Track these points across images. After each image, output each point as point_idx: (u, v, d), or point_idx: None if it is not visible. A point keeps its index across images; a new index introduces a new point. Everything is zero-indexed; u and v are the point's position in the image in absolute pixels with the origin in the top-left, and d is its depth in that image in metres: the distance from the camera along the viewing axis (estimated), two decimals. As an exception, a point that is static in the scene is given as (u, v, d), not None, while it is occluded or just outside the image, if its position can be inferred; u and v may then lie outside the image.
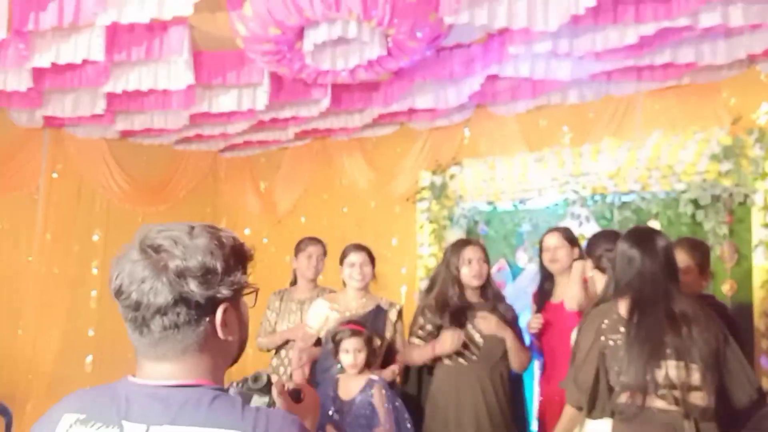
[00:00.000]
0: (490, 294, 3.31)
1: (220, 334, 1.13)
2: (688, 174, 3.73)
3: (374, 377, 3.14)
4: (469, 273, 3.24)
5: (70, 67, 4.11)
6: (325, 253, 4.03)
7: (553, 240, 3.36)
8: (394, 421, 3.02)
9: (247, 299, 1.23)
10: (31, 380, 5.31)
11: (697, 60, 3.68)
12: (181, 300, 1.08)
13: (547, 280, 3.44)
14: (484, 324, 3.20)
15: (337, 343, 3.14)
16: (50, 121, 5.28)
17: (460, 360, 3.22)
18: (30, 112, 5.06)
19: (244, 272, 1.17)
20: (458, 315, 3.23)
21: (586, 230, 4.25)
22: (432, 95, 4.62)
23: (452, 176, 4.87)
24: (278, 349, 3.96)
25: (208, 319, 1.11)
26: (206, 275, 1.09)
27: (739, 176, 3.59)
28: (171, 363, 1.11)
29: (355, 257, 3.45)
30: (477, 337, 3.21)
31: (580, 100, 4.45)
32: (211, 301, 1.10)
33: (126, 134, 5.75)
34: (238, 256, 1.15)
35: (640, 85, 4.17)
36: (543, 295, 3.46)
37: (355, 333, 3.14)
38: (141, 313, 1.08)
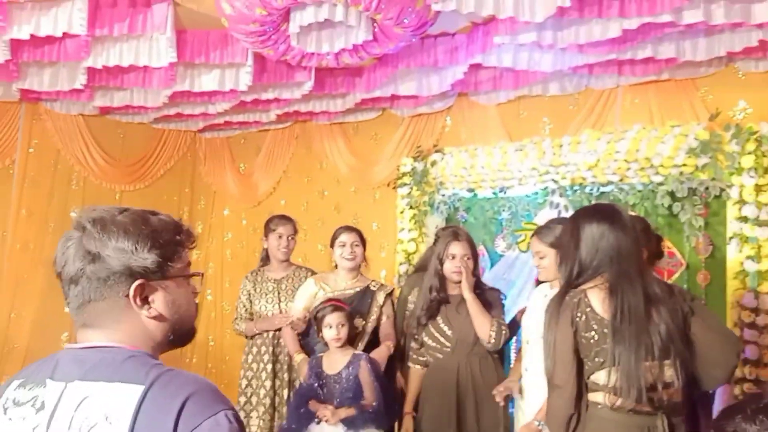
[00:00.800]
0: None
1: (135, 308, 1.17)
2: (666, 167, 3.79)
3: (359, 352, 3.23)
4: (451, 268, 3.27)
5: (50, 40, 4.04)
6: (296, 232, 4.00)
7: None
8: (380, 397, 3.07)
9: (197, 284, 1.29)
10: (6, 355, 5.26)
11: (677, 56, 3.74)
12: (91, 272, 1.15)
13: None
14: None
15: (320, 320, 3.21)
16: (27, 95, 5.18)
17: (437, 355, 3.27)
18: (6, 84, 4.96)
19: (173, 254, 1.20)
20: (431, 308, 3.28)
21: (563, 220, 4.32)
22: (415, 82, 4.63)
23: (433, 163, 4.89)
24: (252, 337, 3.94)
25: (121, 293, 1.16)
26: (118, 251, 1.14)
27: (715, 170, 3.67)
28: (93, 330, 1.18)
29: (345, 237, 3.50)
30: (447, 330, 3.27)
31: (561, 91, 4.49)
32: (123, 276, 1.15)
33: (104, 111, 5.67)
34: (165, 238, 1.19)
35: (620, 79, 4.22)
36: None
37: (337, 308, 3.22)
38: (63, 283, 1.18)
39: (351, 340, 3.30)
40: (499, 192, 4.63)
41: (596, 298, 2.23)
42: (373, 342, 3.45)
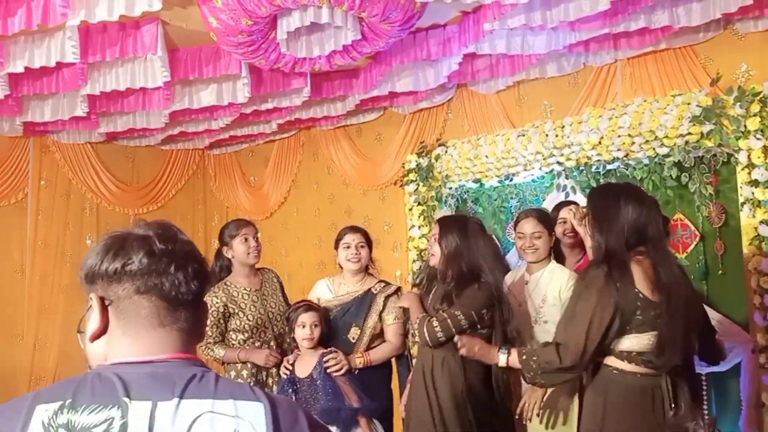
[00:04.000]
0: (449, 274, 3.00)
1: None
2: (671, 138, 3.72)
3: (325, 350, 3.17)
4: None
5: (46, 71, 4.11)
6: (257, 232, 3.62)
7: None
8: (356, 386, 3.04)
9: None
10: (34, 385, 5.34)
11: (672, 23, 3.66)
12: (199, 287, 1.17)
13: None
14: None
15: (292, 321, 3.17)
16: (33, 128, 5.27)
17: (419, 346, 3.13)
18: (10, 120, 5.05)
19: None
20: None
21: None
22: (411, 78, 4.61)
23: (437, 157, 4.86)
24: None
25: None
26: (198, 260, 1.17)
27: (721, 136, 3.58)
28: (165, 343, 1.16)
29: (349, 238, 3.34)
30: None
31: (559, 72, 4.43)
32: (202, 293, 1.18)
33: (111, 137, 5.75)
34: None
35: (617, 53, 4.15)
36: None
37: (310, 307, 3.19)
38: (173, 306, 1.14)
39: (323, 343, 3.19)
40: (505, 180, 4.59)
41: (639, 271, 2.28)
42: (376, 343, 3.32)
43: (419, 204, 4.95)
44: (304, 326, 3.13)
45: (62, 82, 4.25)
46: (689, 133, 3.69)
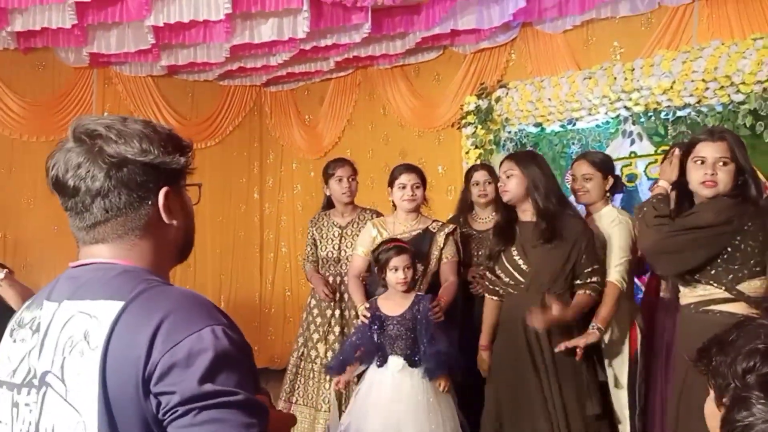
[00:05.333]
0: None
1: (164, 218, 1.10)
2: (748, 84, 3.53)
3: (422, 294, 3.15)
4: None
5: (112, 1, 4.13)
6: (355, 173, 3.87)
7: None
8: (438, 338, 3.01)
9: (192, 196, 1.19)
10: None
11: (759, -40, 3.44)
12: (121, 183, 1.05)
13: None
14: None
15: (384, 263, 3.09)
16: (97, 60, 5.35)
17: (509, 290, 3.04)
18: (77, 50, 5.14)
19: (188, 159, 1.13)
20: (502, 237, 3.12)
21: (637, 148, 4.12)
22: (475, 15, 4.48)
23: (498, 99, 4.75)
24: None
25: (150, 202, 1.08)
26: (144, 156, 1.05)
27: (802, 83, 3.39)
28: (106, 245, 1.08)
29: (405, 178, 3.32)
30: (522, 264, 2.98)
31: (632, 11, 4.23)
32: (152, 184, 1.07)
33: (172, 70, 5.80)
34: (175, 143, 1.11)
35: (696, -8, 3.94)
36: None
37: (402, 249, 3.10)
38: (80, 199, 1.06)
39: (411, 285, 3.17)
40: (567, 124, 4.46)
41: (764, 211, 2.43)
42: (434, 285, 3.32)
43: (476, 147, 4.87)
44: (397, 270, 3.05)
45: (126, 12, 4.28)
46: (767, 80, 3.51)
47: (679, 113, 3.91)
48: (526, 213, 3.02)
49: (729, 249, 2.40)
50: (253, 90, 6.62)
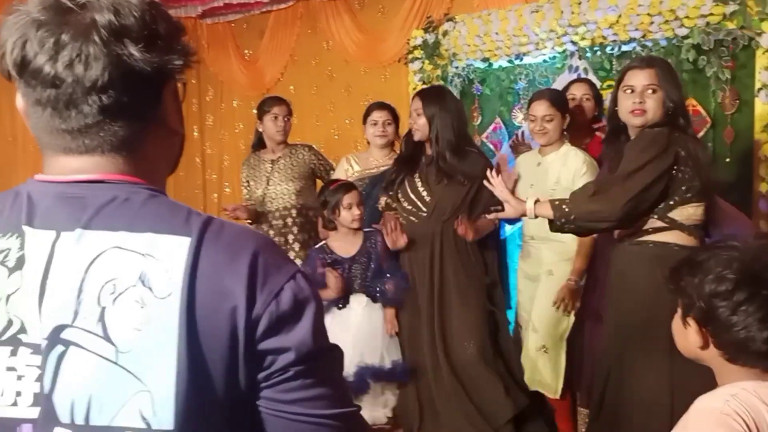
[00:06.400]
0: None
1: (173, 123, 0.88)
2: (692, 18, 3.57)
3: (370, 229, 3.18)
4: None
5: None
6: (290, 113, 3.86)
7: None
8: (394, 267, 3.10)
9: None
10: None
11: None
12: (125, 71, 0.78)
13: None
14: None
15: (336, 204, 3.08)
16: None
17: (411, 218, 3.20)
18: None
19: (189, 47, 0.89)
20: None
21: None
22: (421, -58, 4.33)
23: (445, 33, 4.66)
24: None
25: (157, 99, 0.85)
26: (150, 36, 0.80)
27: (744, 18, 3.44)
28: (99, 156, 0.82)
29: (377, 115, 3.53)
30: (424, 193, 3.18)
31: (580, -58, 4.17)
32: (160, 76, 0.83)
33: None
34: (176, 25, 0.87)
35: (644, -77, 3.90)
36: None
37: (349, 186, 3.12)
38: (65, 91, 0.78)
39: None
40: (515, 59, 4.44)
41: (692, 139, 2.47)
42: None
43: (424, 83, 4.80)
44: (351, 206, 3.06)
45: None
46: (711, 14, 3.55)
47: (624, 48, 3.94)
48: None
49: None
50: (189, 22, 6.28)
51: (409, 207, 3.19)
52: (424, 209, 3.15)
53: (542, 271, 3.19)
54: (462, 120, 3.22)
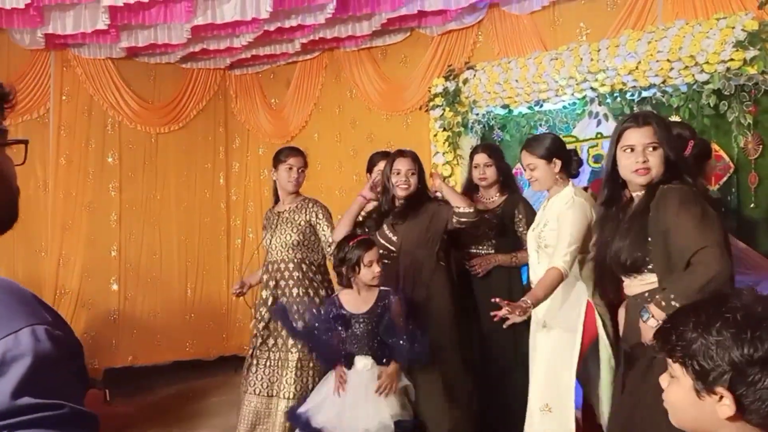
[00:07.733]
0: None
1: None
2: (711, 64, 3.56)
3: (386, 288, 3.05)
4: (396, 182, 3.35)
5: (67, -22, 3.99)
6: (306, 165, 3.78)
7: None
8: (410, 330, 2.95)
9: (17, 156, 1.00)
10: (58, 299, 5.45)
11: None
12: None
13: None
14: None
15: (357, 260, 2.98)
16: (53, 41, 5.18)
17: (384, 261, 3.20)
18: (31, 32, 4.96)
19: None
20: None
21: (604, 129, 4.15)
22: (442, -5, 4.44)
23: (465, 81, 4.72)
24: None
25: None
26: None
27: (765, 63, 3.42)
28: None
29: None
30: (391, 236, 3.37)
31: (598, -8, 4.24)
32: None
33: (131, 52, 5.64)
34: None
35: (661, -27, 3.95)
36: None
37: (371, 243, 3.05)
38: None
39: None
40: (535, 106, 4.46)
41: (703, 194, 2.37)
42: None
43: (444, 130, 4.85)
44: (372, 264, 2.98)
45: (83, -10, 4.14)
46: (731, 59, 3.53)
47: (644, 93, 3.94)
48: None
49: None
50: (217, 73, 6.49)
51: (383, 251, 3.30)
52: (393, 249, 3.35)
53: (538, 321, 3.01)
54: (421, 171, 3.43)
